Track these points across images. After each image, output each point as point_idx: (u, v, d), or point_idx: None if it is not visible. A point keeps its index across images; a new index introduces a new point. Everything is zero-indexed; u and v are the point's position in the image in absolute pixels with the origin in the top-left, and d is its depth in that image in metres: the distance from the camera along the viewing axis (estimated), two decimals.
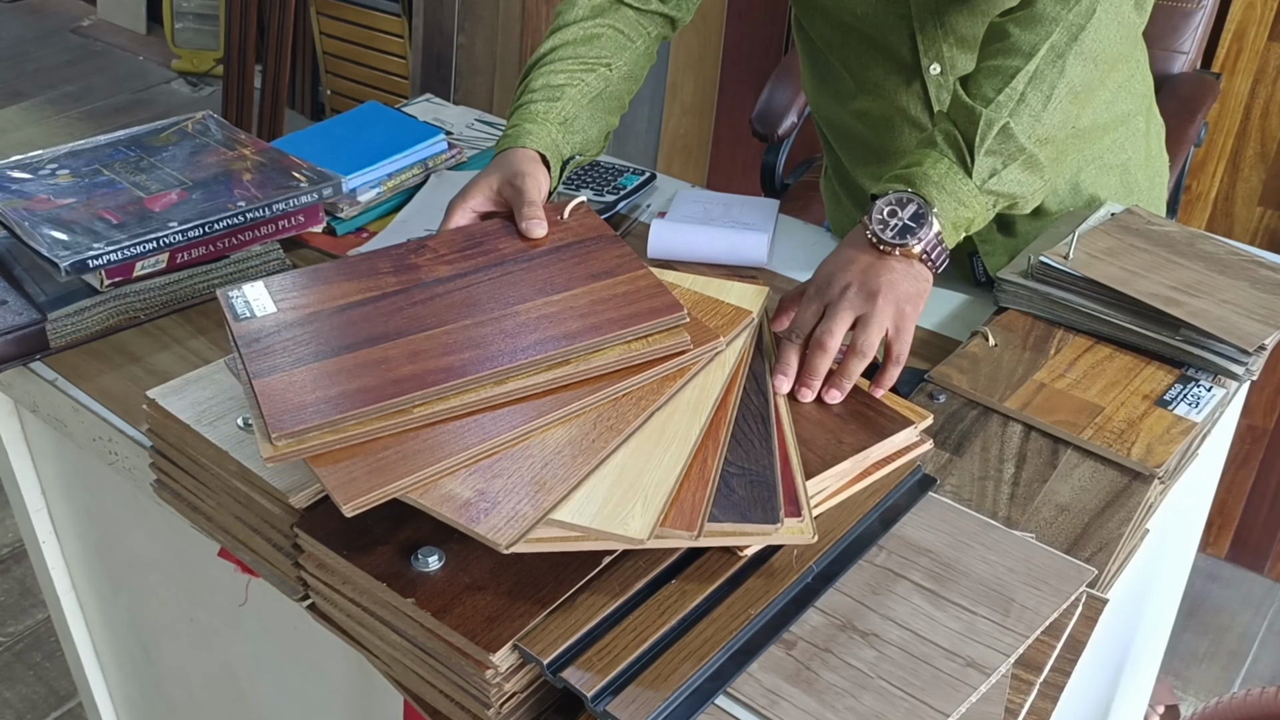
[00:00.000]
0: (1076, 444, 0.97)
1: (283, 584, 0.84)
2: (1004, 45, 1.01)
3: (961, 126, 1.00)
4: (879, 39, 1.20)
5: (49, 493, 1.27)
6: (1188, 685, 2.07)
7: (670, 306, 0.88)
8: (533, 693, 0.74)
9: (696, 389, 0.86)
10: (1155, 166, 1.33)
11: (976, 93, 1.00)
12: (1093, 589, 0.82)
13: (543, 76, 1.15)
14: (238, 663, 1.18)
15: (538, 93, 1.13)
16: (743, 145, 2.74)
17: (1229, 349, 1.03)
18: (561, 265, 0.95)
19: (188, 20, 4.11)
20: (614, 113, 1.19)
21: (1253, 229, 2.17)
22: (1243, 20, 2.06)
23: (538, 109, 1.12)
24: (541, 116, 1.11)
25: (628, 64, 1.19)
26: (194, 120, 1.34)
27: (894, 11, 1.17)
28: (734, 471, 0.80)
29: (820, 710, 0.71)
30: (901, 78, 1.21)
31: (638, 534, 0.73)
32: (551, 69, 1.15)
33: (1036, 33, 1.00)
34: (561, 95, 1.13)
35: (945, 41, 1.17)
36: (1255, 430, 2.18)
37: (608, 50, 1.17)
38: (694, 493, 0.77)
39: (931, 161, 1.00)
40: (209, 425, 0.86)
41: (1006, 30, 1.02)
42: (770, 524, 0.76)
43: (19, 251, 1.15)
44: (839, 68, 1.27)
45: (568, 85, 1.14)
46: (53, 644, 2.04)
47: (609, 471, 0.77)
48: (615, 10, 1.20)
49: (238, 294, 0.91)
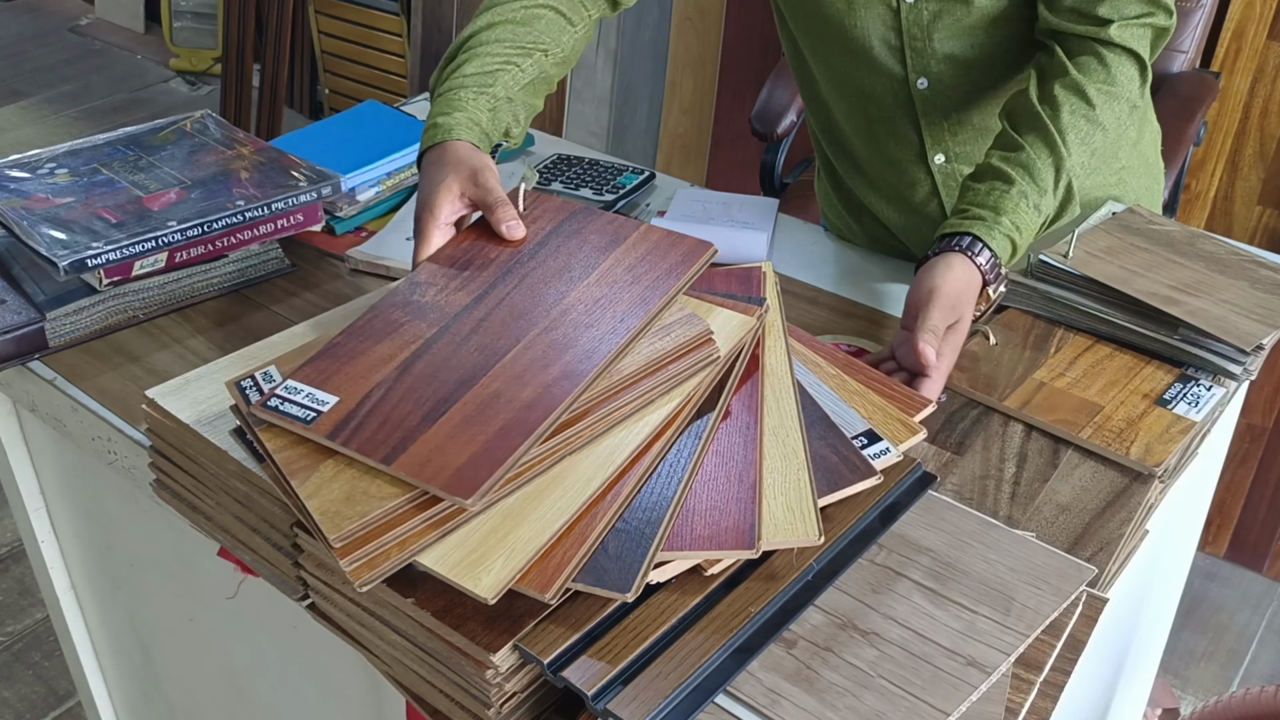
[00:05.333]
0: (1077, 443, 0.97)
1: (283, 584, 0.84)
2: (1090, 115, 1.07)
3: (1040, 178, 1.06)
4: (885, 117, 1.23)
5: (48, 492, 1.27)
6: (1187, 684, 2.07)
7: (699, 246, 0.90)
8: (533, 693, 0.74)
9: (616, 435, 0.80)
10: (1151, 173, 1.33)
11: (1066, 153, 1.06)
12: (1093, 588, 0.82)
13: (475, 59, 1.09)
14: (237, 662, 1.18)
15: (470, 78, 1.07)
16: (742, 144, 2.74)
17: (1227, 348, 1.03)
18: (567, 250, 0.93)
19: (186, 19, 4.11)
20: (541, 96, 1.14)
21: (1252, 228, 2.17)
22: (1242, 19, 2.06)
23: (467, 96, 1.06)
24: (471, 104, 1.06)
25: (564, 49, 1.14)
26: (192, 119, 1.34)
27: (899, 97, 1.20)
28: (620, 527, 0.75)
29: (821, 709, 0.71)
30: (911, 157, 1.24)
31: (484, 593, 0.69)
32: (485, 51, 1.09)
33: (1116, 111, 1.09)
34: (494, 82, 1.08)
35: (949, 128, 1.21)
36: (1254, 429, 2.18)
37: (546, 34, 1.12)
38: (565, 550, 0.72)
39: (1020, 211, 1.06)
40: (208, 425, 0.86)
41: (1090, 99, 1.07)
42: (621, 592, 0.71)
43: (18, 251, 1.15)
44: (820, 79, 1.28)
45: (500, 71, 1.08)
46: (52, 643, 2.04)
47: (490, 516, 0.74)
48: (555, 6, 1.14)
49: (280, 402, 0.79)
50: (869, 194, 1.32)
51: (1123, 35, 1.08)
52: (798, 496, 0.80)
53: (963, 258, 1.02)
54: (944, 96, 1.20)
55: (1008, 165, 1.06)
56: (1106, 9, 1.07)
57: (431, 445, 0.75)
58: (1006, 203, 1.05)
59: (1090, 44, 1.09)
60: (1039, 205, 1.06)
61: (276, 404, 0.79)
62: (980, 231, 1.03)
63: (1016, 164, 1.06)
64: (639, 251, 0.91)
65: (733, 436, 0.84)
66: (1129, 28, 1.08)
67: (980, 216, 1.04)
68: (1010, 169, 1.06)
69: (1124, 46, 1.08)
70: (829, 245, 1.33)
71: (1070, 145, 1.06)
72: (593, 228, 0.96)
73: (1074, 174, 1.07)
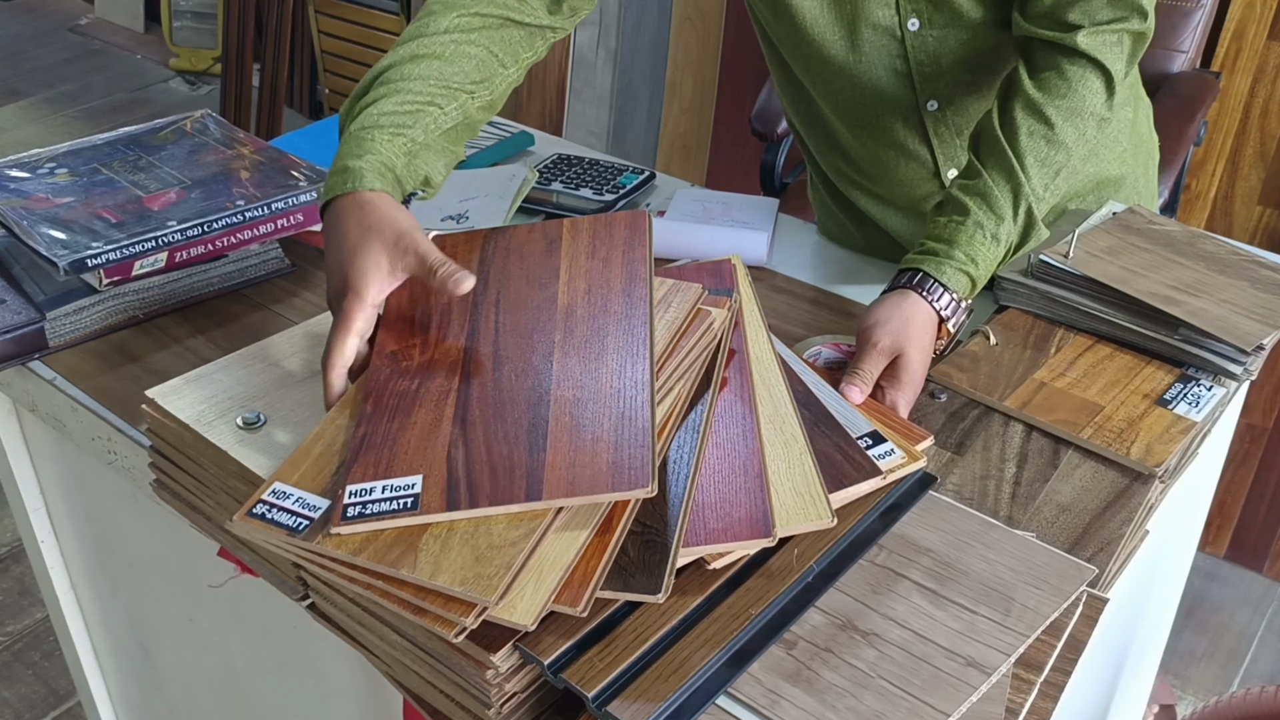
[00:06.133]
0: (1077, 443, 0.97)
1: (283, 584, 0.84)
2: (1050, 136, 1.06)
3: (997, 206, 1.05)
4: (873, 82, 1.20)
5: (47, 492, 1.27)
6: (1187, 684, 2.07)
7: (635, 216, 0.90)
8: (533, 693, 0.73)
9: None
10: (1146, 150, 1.33)
11: (1024, 178, 1.05)
12: (1093, 588, 0.82)
13: (393, 96, 0.97)
14: (237, 662, 1.18)
15: (385, 117, 0.96)
16: (742, 144, 2.74)
17: (1227, 348, 1.03)
18: (515, 265, 0.91)
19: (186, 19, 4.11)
20: (462, 143, 1.04)
21: (1252, 228, 2.17)
22: (1242, 19, 2.06)
23: (381, 137, 0.95)
24: (385, 146, 0.95)
25: (493, 93, 1.04)
26: (192, 119, 1.34)
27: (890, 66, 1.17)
28: (635, 530, 0.75)
29: (821, 710, 0.71)
30: (898, 116, 1.21)
31: (522, 619, 0.68)
32: (405, 87, 0.98)
33: (1079, 127, 1.07)
34: (413, 124, 0.97)
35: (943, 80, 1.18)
36: (1254, 429, 2.18)
37: (475, 75, 1.02)
38: (587, 561, 0.71)
39: (976, 243, 1.04)
40: (208, 425, 0.86)
41: (1049, 119, 1.05)
42: (652, 594, 0.71)
43: (17, 251, 1.15)
44: (821, 103, 1.26)
45: (420, 112, 0.98)
46: (51, 643, 2.04)
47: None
48: (497, 29, 1.04)
49: (361, 508, 0.74)
50: (874, 206, 1.31)
51: (1091, 44, 1.05)
52: (805, 482, 0.80)
53: (915, 295, 1.01)
54: (954, 114, 1.19)
55: (965, 195, 1.05)
56: (1077, 14, 1.05)
57: (562, 466, 0.74)
58: (961, 235, 1.03)
59: (1055, 56, 1.07)
60: (996, 235, 1.04)
61: (358, 511, 0.73)
62: (931, 268, 1.02)
63: (974, 193, 1.05)
64: (584, 239, 0.90)
65: (730, 428, 0.84)
66: (1099, 34, 1.05)
67: (934, 251, 1.03)
68: (968, 199, 1.05)
69: (1090, 57, 1.06)
70: (829, 245, 1.33)
71: (1029, 169, 1.05)
72: (520, 239, 0.94)
73: (1036, 197, 1.05)
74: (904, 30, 1.13)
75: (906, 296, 1.01)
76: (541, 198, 1.33)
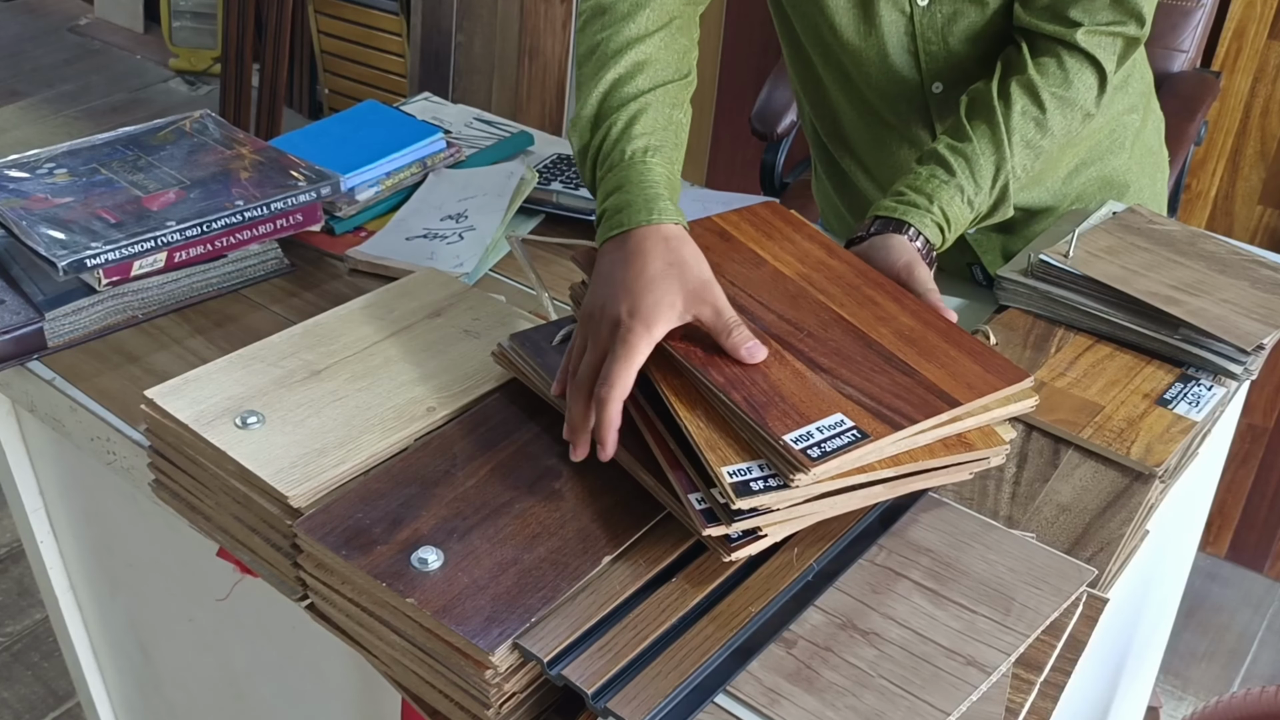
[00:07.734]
0: (1077, 443, 0.97)
1: (282, 584, 0.84)
2: (1040, 120, 1.07)
3: (979, 174, 1.06)
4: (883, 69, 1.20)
5: (47, 493, 1.27)
6: (1187, 684, 2.07)
7: (776, 206, 1.06)
8: (533, 692, 0.73)
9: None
10: (1154, 161, 1.33)
11: (1009, 153, 1.07)
12: (1093, 589, 0.82)
13: (646, 113, 0.96)
14: (236, 663, 1.18)
15: (650, 137, 0.94)
16: (742, 144, 2.74)
17: (1227, 348, 1.03)
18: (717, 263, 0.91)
19: (185, 19, 4.11)
20: None
21: (1252, 228, 2.17)
22: (1243, 19, 2.06)
23: (657, 165, 0.93)
24: (662, 169, 0.93)
25: (694, 75, 1.05)
26: (192, 119, 1.34)
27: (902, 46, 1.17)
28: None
29: (821, 709, 0.71)
30: (904, 99, 1.21)
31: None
32: (649, 102, 0.97)
33: (1068, 118, 1.09)
34: (674, 140, 0.97)
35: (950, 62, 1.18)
36: (1255, 429, 2.18)
37: (683, 68, 1.03)
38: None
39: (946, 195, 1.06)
40: (208, 425, 0.86)
41: (1043, 104, 1.07)
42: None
43: (16, 251, 1.14)
44: (829, 85, 1.26)
45: (669, 126, 0.97)
46: (51, 644, 2.04)
47: None
48: (682, 20, 1.04)
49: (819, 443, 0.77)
50: (876, 194, 1.31)
51: (1089, 41, 1.07)
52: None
53: (901, 237, 1.02)
54: (959, 99, 1.19)
55: (952, 155, 1.06)
56: (1078, 11, 1.07)
57: (948, 379, 0.83)
58: (943, 193, 1.05)
59: (1055, 46, 1.08)
60: (972, 200, 1.06)
61: (820, 451, 0.76)
62: (914, 219, 1.03)
63: (961, 155, 1.06)
64: (748, 230, 1.00)
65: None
66: (1097, 34, 1.07)
67: (914, 203, 1.05)
68: (953, 159, 1.06)
69: (1088, 53, 1.07)
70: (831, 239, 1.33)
71: (1014, 146, 1.07)
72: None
73: (1014, 175, 1.07)
74: (913, 5, 1.14)
75: (902, 239, 1.02)
76: (541, 198, 1.33)
